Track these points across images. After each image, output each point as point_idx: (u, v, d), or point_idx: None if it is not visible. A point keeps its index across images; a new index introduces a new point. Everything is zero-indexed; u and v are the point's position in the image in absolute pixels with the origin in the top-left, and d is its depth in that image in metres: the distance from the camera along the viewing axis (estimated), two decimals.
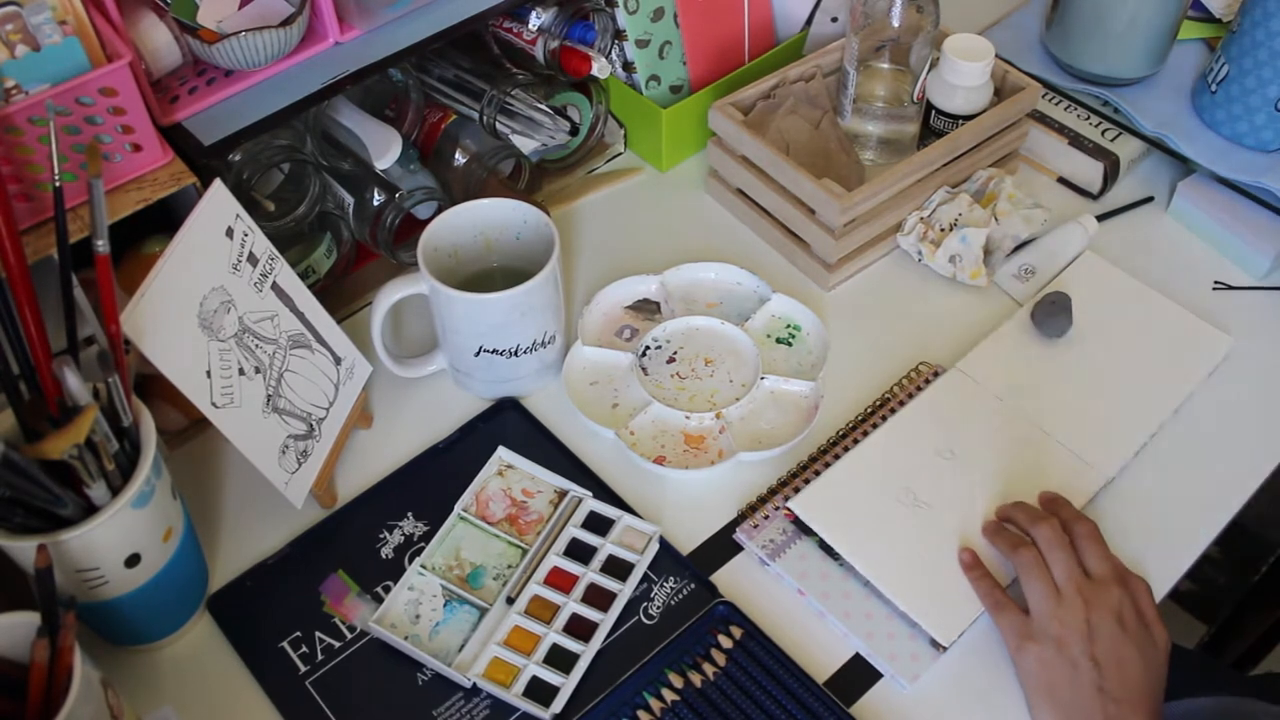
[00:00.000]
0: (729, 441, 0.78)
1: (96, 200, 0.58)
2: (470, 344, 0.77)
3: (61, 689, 0.52)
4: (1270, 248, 0.88)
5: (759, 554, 0.72)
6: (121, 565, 0.61)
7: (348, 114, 0.83)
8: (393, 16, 0.78)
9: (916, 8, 0.86)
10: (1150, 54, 0.96)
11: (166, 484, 0.64)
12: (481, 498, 0.75)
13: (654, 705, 0.66)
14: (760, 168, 0.89)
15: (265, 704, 0.67)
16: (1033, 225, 0.88)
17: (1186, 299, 0.86)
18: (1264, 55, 0.86)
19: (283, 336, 0.70)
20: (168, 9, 0.71)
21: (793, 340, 0.84)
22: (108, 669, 0.58)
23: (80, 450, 0.56)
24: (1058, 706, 0.63)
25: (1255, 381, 0.82)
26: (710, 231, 0.93)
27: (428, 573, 0.71)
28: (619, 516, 0.74)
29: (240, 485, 0.77)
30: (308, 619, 0.70)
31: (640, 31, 0.92)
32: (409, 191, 0.83)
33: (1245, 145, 0.91)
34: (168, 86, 0.73)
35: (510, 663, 0.67)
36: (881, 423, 0.78)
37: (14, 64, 0.61)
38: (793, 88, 0.92)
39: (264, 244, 0.69)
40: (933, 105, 0.90)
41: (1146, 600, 0.66)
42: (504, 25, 0.88)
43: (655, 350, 0.83)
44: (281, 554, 0.73)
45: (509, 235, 0.81)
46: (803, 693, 0.66)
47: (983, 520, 0.73)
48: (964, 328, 0.85)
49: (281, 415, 0.70)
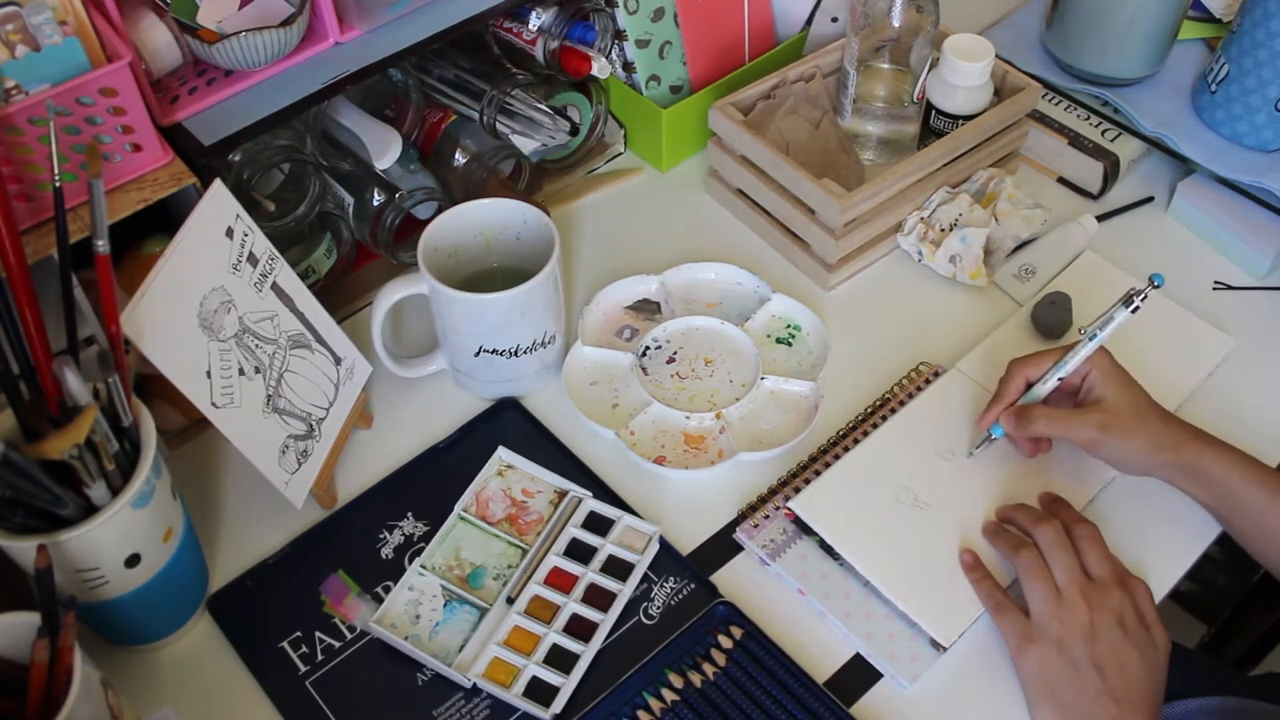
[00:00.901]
0: (729, 441, 0.78)
1: (96, 200, 0.58)
2: (470, 344, 0.77)
3: (61, 689, 0.52)
4: (1270, 248, 0.88)
5: (759, 554, 0.72)
6: (121, 565, 0.61)
7: (348, 114, 0.83)
8: (393, 16, 0.78)
9: (916, 8, 0.86)
10: (1150, 54, 0.96)
11: (166, 484, 0.64)
12: (481, 498, 0.75)
13: (654, 705, 0.66)
14: (760, 168, 0.89)
15: (265, 704, 0.67)
16: (1033, 225, 0.88)
17: (1186, 299, 0.86)
18: (1264, 55, 0.86)
19: (283, 336, 0.70)
20: (168, 9, 0.71)
21: (793, 340, 0.84)
22: (108, 669, 0.58)
23: (80, 450, 0.56)
24: (1059, 708, 0.63)
25: (1255, 381, 0.82)
26: (710, 231, 0.93)
27: (428, 573, 0.71)
28: (619, 516, 0.74)
29: (240, 485, 0.77)
30: (308, 619, 0.70)
31: (640, 31, 0.92)
32: (409, 191, 0.83)
33: (1245, 145, 0.91)
34: (168, 86, 0.73)
35: (510, 663, 0.67)
36: (882, 423, 0.78)
37: (14, 64, 0.61)
38: (793, 88, 0.92)
39: (264, 244, 0.69)
40: (933, 105, 0.90)
41: (1147, 602, 0.66)
42: (504, 25, 0.88)
43: (655, 350, 0.83)
44: (281, 554, 0.73)
45: (509, 235, 0.81)
46: (803, 693, 0.66)
47: (983, 521, 0.73)
48: (964, 328, 0.85)
49: (281, 415, 0.70)
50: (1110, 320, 0.71)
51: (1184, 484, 0.70)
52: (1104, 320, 0.72)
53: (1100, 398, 0.71)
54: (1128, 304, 0.71)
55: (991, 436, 0.75)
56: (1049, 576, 0.66)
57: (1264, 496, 0.67)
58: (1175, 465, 0.69)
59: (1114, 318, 0.71)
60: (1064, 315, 0.82)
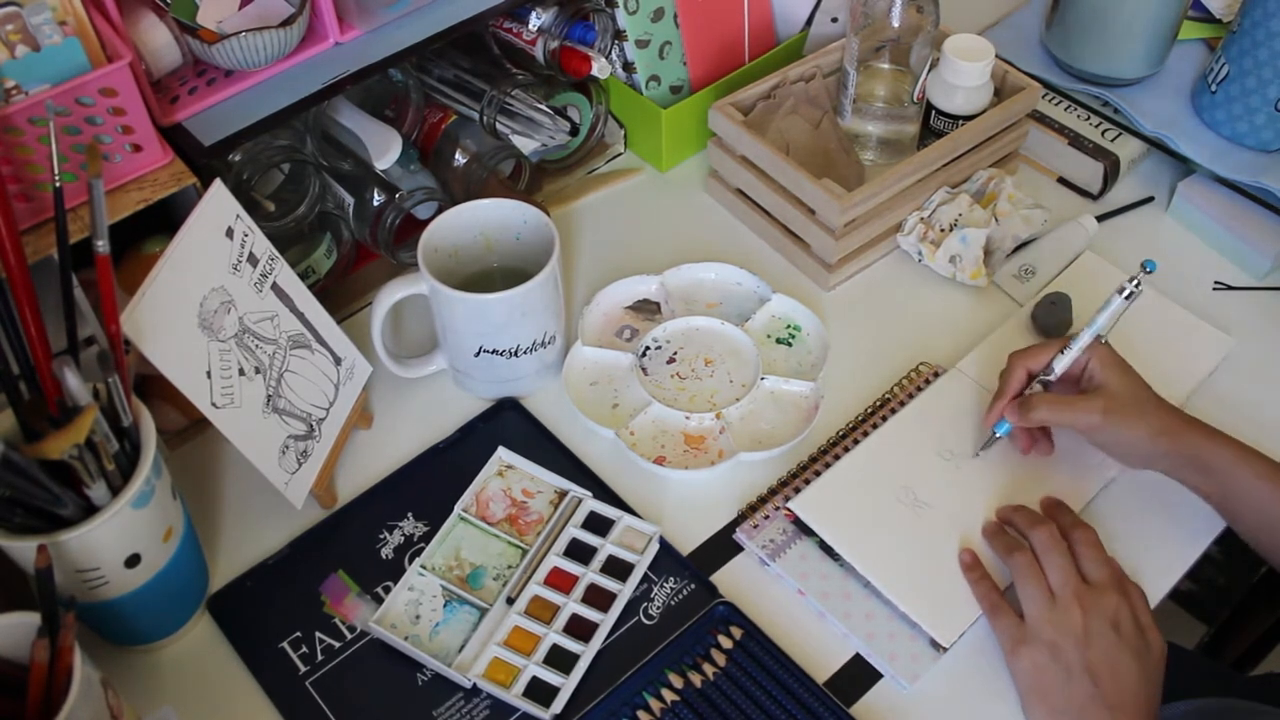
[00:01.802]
0: (729, 441, 0.78)
1: (96, 200, 0.58)
2: (470, 344, 0.77)
3: (61, 689, 0.52)
4: (1270, 248, 0.88)
5: (759, 554, 0.72)
6: (121, 565, 0.61)
7: (348, 114, 0.83)
8: (393, 16, 0.78)
9: (916, 8, 0.86)
10: (1150, 54, 0.96)
11: (166, 484, 0.64)
12: (481, 498, 0.75)
13: (654, 705, 0.66)
14: (760, 168, 0.89)
15: (265, 704, 0.67)
16: (1033, 225, 0.88)
17: (1186, 299, 0.86)
18: (1264, 55, 0.86)
19: (283, 337, 0.70)
20: (168, 9, 0.71)
21: (793, 340, 0.84)
22: (108, 669, 0.58)
23: (80, 450, 0.56)
24: (1052, 712, 0.63)
25: (1255, 381, 0.82)
26: (710, 231, 0.93)
27: (428, 573, 0.71)
28: (619, 517, 0.74)
29: (240, 485, 0.77)
30: (308, 619, 0.70)
31: (640, 31, 0.92)
32: (409, 191, 0.83)
33: (1245, 145, 0.91)
34: (168, 86, 0.73)
35: (510, 663, 0.67)
36: (882, 423, 0.78)
37: (14, 64, 0.61)
38: (793, 88, 0.92)
39: (264, 244, 0.69)
40: (933, 105, 0.90)
41: (1142, 606, 0.66)
42: (504, 25, 0.88)
43: (655, 350, 0.83)
44: (281, 554, 0.73)
45: (509, 235, 0.81)
46: (803, 693, 0.66)
47: (983, 521, 0.73)
48: (964, 328, 0.85)
49: (281, 415, 0.70)
50: (1107, 306, 0.71)
51: (1184, 474, 0.70)
52: (1100, 310, 0.72)
53: (1102, 384, 0.71)
54: (1121, 292, 0.71)
55: (996, 434, 0.75)
56: (1043, 579, 0.66)
57: (1266, 488, 0.67)
58: (1176, 454, 0.69)
59: (1110, 303, 0.71)
60: (1064, 315, 0.82)
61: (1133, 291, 0.71)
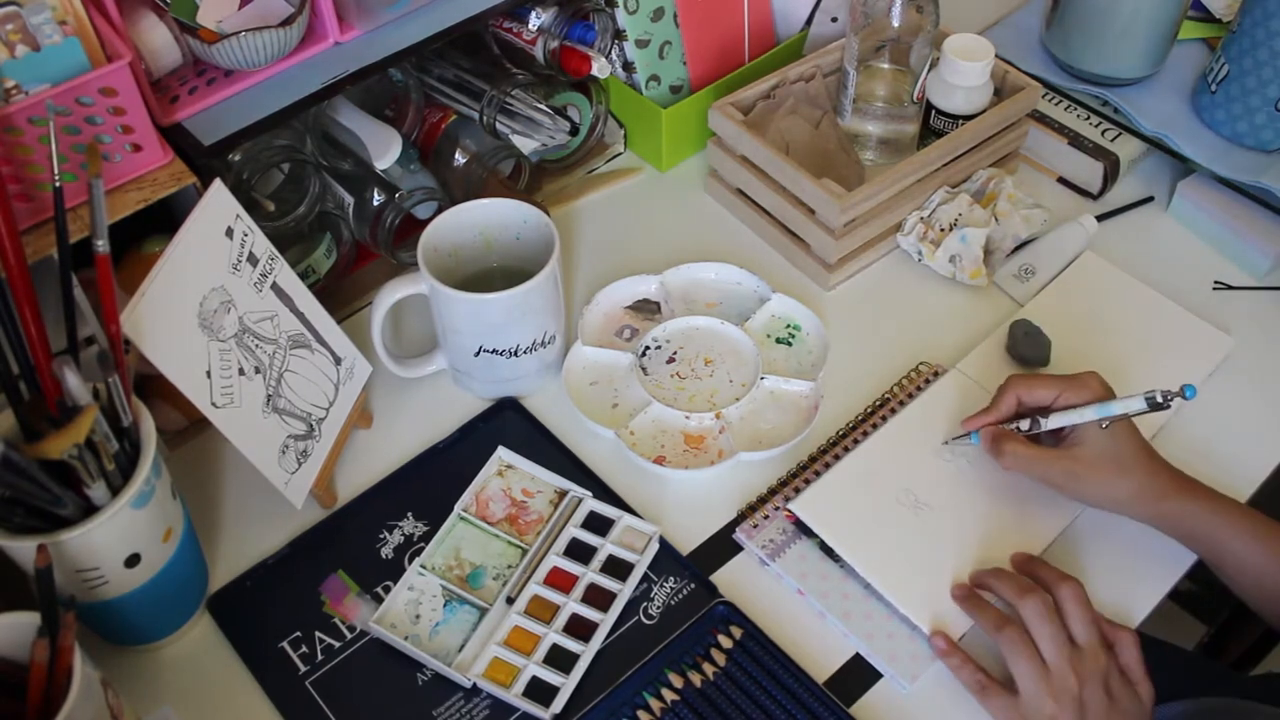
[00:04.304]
0: (729, 441, 0.78)
1: (96, 200, 0.58)
2: (470, 344, 0.77)
3: (61, 689, 0.52)
4: (1270, 248, 0.88)
5: (759, 554, 0.72)
6: (121, 565, 0.61)
7: (348, 114, 0.83)
8: (393, 16, 0.78)
9: (916, 8, 0.86)
10: (1150, 54, 0.96)
11: (166, 484, 0.64)
12: (481, 498, 0.75)
13: (654, 705, 0.66)
14: (760, 168, 0.89)
15: (265, 704, 0.67)
16: (1033, 225, 0.88)
17: (1186, 299, 0.86)
18: (1264, 55, 0.86)
19: (283, 336, 0.70)
20: (168, 9, 0.71)
21: (793, 340, 0.84)
22: (108, 669, 0.58)
23: (80, 450, 0.56)
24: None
25: (1255, 381, 0.82)
26: (710, 231, 0.93)
27: (428, 573, 0.71)
28: (619, 516, 0.74)
29: (240, 485, 0.77)
30: (308, 619, 0.70)
31: (640, 31, 0.92)
32: (409, 191, 0.83)
33: (1245, 145, 0.91)
34: (168, 86, 0.73)
35: (510, 663, 0.67)
36: (881, 423, 0.78)
37: (14, 64, 0.61)
38: (793, 88, 0.92)
39: (264, 244, 0.69)
40: (933, 105, 0.90)
41: (1132, 655, 0.65)
42: (504, 25, 0.88)
43: (655, 350, 0.83)
44: (281, 554, 0.73)
45: (509, 235, 0.81)
46: (803, 693, 0.66)
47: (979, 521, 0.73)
48: (964, 328, 0.85)
49: (281, 415, 0.70)
50: (1128, 402, 0.68)
51: (1166, 532, 0.69)
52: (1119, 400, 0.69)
53: (1080, 440, 0.69)
54: (1149, 399, 0.67)
55: (970, 440, 0.74)
56: (1035, 654, 0.64)
57: (1250, 548, 0.66)
58: (1158, 519, 0.69)
59: (1132, 403, 0.68)
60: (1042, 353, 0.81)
61: (1161, 405, 0.67)
